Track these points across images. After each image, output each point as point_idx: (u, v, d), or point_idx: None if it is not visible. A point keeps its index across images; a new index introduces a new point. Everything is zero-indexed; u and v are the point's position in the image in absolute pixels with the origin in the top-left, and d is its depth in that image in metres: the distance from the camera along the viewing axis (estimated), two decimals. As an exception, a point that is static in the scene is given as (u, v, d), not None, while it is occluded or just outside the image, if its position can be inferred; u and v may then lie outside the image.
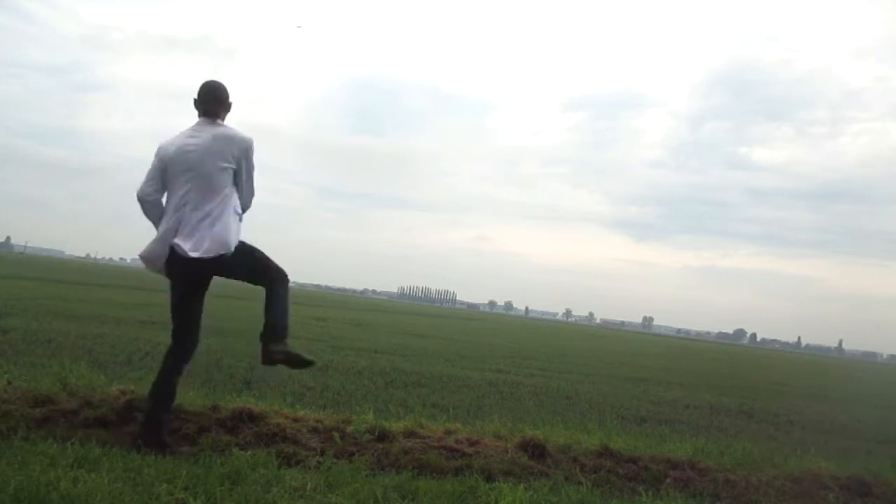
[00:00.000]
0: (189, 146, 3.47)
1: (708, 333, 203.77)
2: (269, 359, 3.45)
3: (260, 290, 3.54)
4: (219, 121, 3.60)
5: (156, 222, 3.54)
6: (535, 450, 3.89)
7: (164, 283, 3.49)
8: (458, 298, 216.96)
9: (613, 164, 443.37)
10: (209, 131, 3.51)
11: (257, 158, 3.57)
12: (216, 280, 3.53)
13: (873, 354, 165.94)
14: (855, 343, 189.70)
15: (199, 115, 3.59)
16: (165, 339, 3.58)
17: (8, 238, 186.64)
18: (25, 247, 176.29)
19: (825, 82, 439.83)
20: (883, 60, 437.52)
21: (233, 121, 3.66)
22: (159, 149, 3.55)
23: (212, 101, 3.59)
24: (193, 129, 3.56)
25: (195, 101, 3.62)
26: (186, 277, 3.49)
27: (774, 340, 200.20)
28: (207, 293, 3.57)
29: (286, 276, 3.61)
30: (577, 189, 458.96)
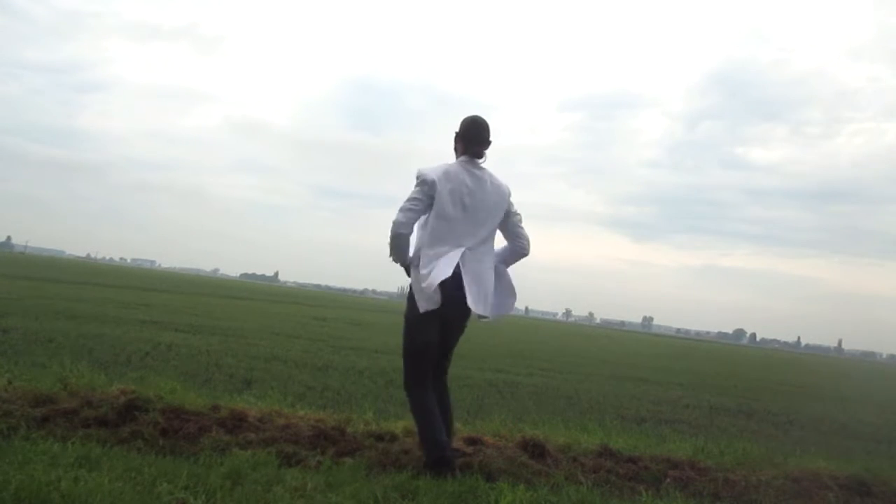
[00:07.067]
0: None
1: (707, 333, 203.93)
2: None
3: (260, 291, 3.53)
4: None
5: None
6: (535, 449, 3.88)
7: (162, 283, 3.48)
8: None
9: (610, 163, 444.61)
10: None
11: (257, 157, 3.57)
12: (217, 281, 3.53)
13: (873, 354, 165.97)
14: (854, 343, 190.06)
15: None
16: (165, 338, 3.58)
17: (8, 238, 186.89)
18: (25, 247, 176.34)
19: (820, 83, 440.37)
20: (876, 61, 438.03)
21: (228, 117, 3.63)
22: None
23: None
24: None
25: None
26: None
27: (774, 340, 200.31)
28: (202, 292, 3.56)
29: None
30: (574, 189, 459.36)
